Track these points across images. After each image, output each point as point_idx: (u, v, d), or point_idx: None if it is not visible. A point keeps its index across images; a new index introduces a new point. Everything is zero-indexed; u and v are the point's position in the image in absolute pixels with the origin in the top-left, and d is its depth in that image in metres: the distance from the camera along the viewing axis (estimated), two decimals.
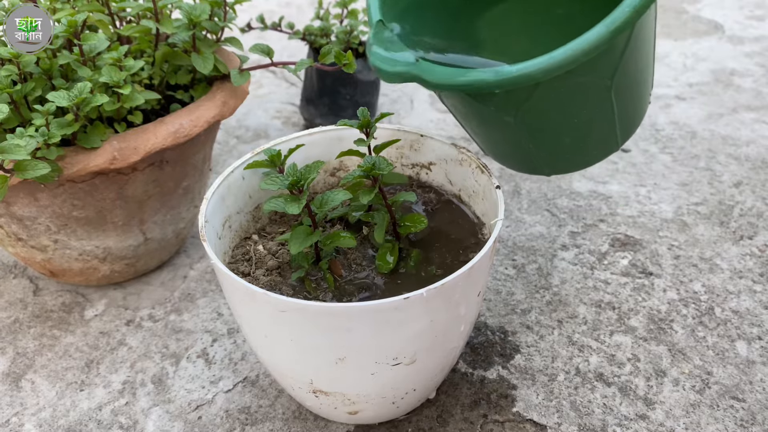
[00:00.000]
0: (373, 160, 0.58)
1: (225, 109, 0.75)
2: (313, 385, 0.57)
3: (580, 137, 0.65)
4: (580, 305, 0.79)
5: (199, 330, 0.78)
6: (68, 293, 0.85)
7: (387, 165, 0.57)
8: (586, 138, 0.65)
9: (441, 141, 0.68)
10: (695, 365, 0.71)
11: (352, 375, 0.55)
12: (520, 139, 0.63)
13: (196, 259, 0.90)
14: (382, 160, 0.59)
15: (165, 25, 0.69)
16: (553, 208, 0.95)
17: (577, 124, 0.62)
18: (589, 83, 0.57)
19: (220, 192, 0.63)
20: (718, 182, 0.99)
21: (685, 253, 0.86)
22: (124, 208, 0.73)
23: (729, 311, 0.78)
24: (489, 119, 0.62)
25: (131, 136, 0.67)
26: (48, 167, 0.59)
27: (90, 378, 0.73)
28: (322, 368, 0.55)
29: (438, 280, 0.58)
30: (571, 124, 0.62)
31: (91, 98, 0.62)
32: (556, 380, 0.70)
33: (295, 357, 0.56)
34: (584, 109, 0.60)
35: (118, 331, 0.79)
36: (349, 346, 0.52)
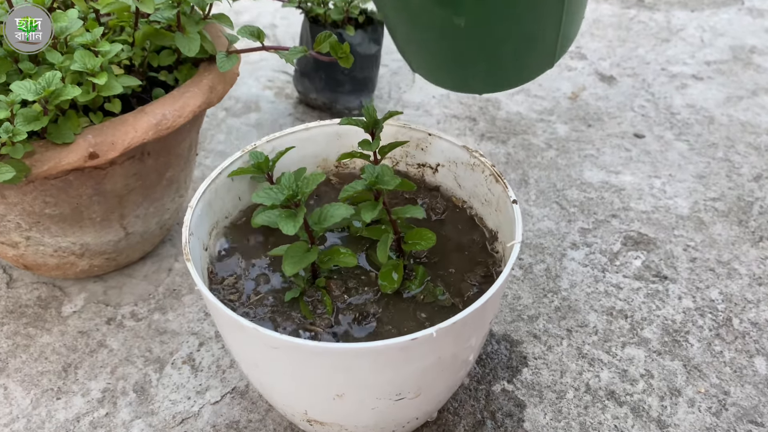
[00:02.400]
0: (377, 171, 0.52)
1: (213, 96, 0.68)
2: (307, 415, 0.53)
3: (524, 44, 0.63)
4: (591, 312, 0.75)
5: (184, 332, 0.73)
6: (44, 286, 0.79)
7: (392, 179, 0.51)
8: (528, 45, 0.64)
9: (451, 142, 0.62)
10: (711, 383, 0.67)
11: (351, 409, 0.51)
12: (461, 47, 0.62)
13: (181, 250, 0.84)
14: (387, 171, 0.53)
15: (145, 3, 0.61)
16: (562, 200, 0.90)
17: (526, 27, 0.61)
18: None
19: (206, 197, 0.57)
20: (736, 175, 0.94)
21: (702, 256, 0.81)
22: (103, 203, 0.67)
23: (747, 323, 0.73)
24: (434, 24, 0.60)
25: (108, 129, 0.60)
26: (12, 170, 0.52)
27: (67, 385, 0.68)
28: (318, 403, 0.50)
29: (446, 304, 0.53)
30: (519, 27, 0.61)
31: (61, 90, 0.55)
32: (564, 398, 0.66)
33: (288, 390, 0.51)
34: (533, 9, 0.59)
35: (98, 330, 0.74)
36: (348, 384, 0.47)
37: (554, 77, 1.16)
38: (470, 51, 0.62)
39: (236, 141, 1.04)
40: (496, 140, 1.01)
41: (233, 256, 0.59)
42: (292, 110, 1.10)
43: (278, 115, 1.09)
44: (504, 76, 0.67)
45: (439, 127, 1.05)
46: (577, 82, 1.15)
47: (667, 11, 1.37)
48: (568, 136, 1.02)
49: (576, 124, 1.04)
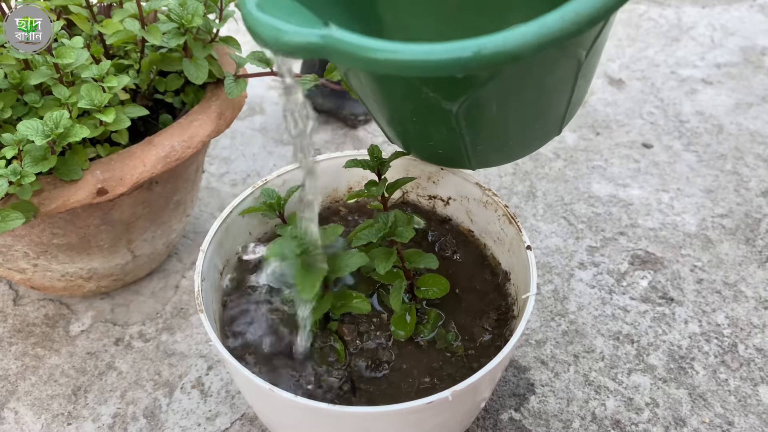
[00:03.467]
0: (391, 221, 0.52)
1: (221, 123, 0.67)
2: None
3: (528, 126, 0.52)
4: (598, 337, 0.75)
5: (193, 354, 0.74)
6: (51, 303, 0.79)
7: (406, 229, 0.51)
8: (533, 126, 0.52)
9: (463, 178, 0.61)
10: (716, 413, 0.68)
11: None
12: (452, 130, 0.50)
13: (188, 265, 0.84)
14: (401, 219, 0.52)
15: (152, 34, 0.60)
16: (570, 215, 0.89)
17: (530, 110, 0.50)
18: (564, 58, 0.45)
19: (217, 238, 0.57)
20: (744, 189, 0.93)
21: (709, 277, 0.81)
22: (110, 231, 0.66)
23: (753, 349, 0.74)
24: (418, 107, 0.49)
25: (116, 164, 0.59)
26: (21, 217, 0.52)
27: (77, 409, 0.69)
28: None
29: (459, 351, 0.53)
30: (523, 111, 0.50)
31: (69, 130, 0.54)
32: (571, 427, 0.67)
33: None
34: (545, 90, 0.48)
35: (107, 351, 0.74)
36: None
37: None
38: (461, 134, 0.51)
39: (241, 146, 1.02)
40: None
41: (244, 295, 0.58)
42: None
43: (283, 120, 1.08)
44: (505, 153, 0.56)
45: None
46: None
47: (678, 7, 1.35)
48: (576, 145, 1.01)
49: (584, 132, 1.03)
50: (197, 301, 0.51)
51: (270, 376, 0.52)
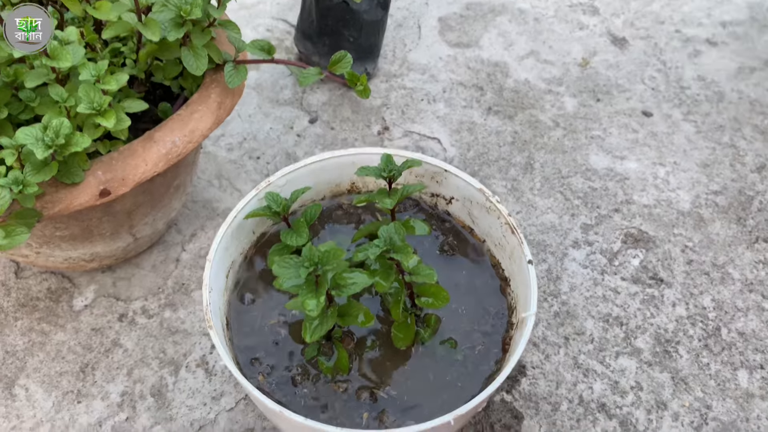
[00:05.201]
0: (392, 241, 0.52)
1: (221, 113, 0.66)
2: None
3: None
4: (588, 319, 0.78)
5: (196, 332, 0.76)
6: (53, 276, 0.80)
7: (405, 246, 0.52)
8: None
9: (467, 182, 0.61)
10: (696, 397, 0.72)
11: None
12: None
13: (187, 237, 0.84)
14: (400, 231, 0.53)
15: (150, 28, 0.57)
16: (566, 190, 0.90)
17: None
18: None
19: (223, 244, 0.57)
20: (740, 164, 0.94)
21: (699, 258, 0.84)
22: (112, 221, 0.66)
23: (735, 333, 0.77)
24: None
25: (118, 164, 0.59)
26: (26, 231, 0.52)
27: (86, 387, 0.71)
28: None
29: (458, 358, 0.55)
30: None
31: (70, 138, 0.53)
32: (559, 410, 0.71)
33: None
34: None
35: (111, 328, 0.76)
36: None
37: (566, 38, 1.12)
38: None
39: (236, 106, 1.00)
40: (503, 115, 0.99)
41: (250, 302, 0.60)
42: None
43: (278, 76, 1.05)
44: None
45: (445, 96, 1.02)
46: (588, 45, 1.11)
47: None
48: (576, 112, 1.00)
49: (585, 98, 1.02)
50: (206, 316, 0.52)
51: (278, 387, 0.54)
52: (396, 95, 1.03)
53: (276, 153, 0.95)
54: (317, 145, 0.96)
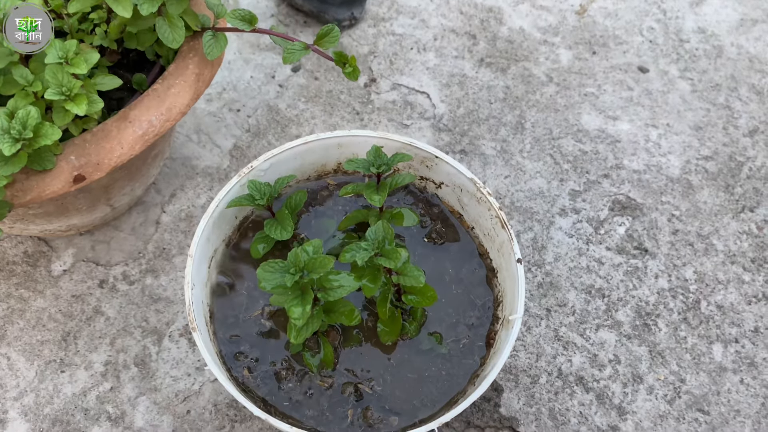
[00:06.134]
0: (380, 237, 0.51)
1: (200, 85, 0.62)
2: None
3: None
4: (571, 290, 0.78)
5: (178, 300, 0.75)
6: (29, 239, 0.77)
7: (394, 251, 0.50)
8: None
9: (457, 169, 0.59)
10: (671, 371, 0.74)
11: None
12: None
13: (167, 197, 0.82)
14: (389, 233, 0.51)
15: (121, 3, 0.53)
16: (556, 152, 0.88)
17: None
18: None
19: (204, 235, 0.56)
20: (733, 128, 0.92)
21: (684, 227, 0.83)
22: (88, 197, 0.64)
23: (714, 306, 0.78)
24: None
25: (92, 147, 0.56)
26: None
27: (69, 356, 0.71)
28: None
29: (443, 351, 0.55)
30: None
31: (39, 129, 0.49)
32: (538, 383, 0.72)
33: None
34: None
35: (92, 294, 0.75)
36: None
37: None
38: None
39: None
40: (495, 67, 0.95)
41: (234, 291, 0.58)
42: (274, 10, 1.00)
43: (260, 17, 0.99)
44: None
45: (435, 44, 0.97)
46: None
47: None
48: (570, 66, 0.96)
49: (580, 50, 0.98)
50: (189, 317, 0.51)
51: (263, 382, 0.54)
52: (384, 42, 0.98)
53: (257, 105, 0.91)
54: (300, 97, 0.92)
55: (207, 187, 0.83)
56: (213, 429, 0.68)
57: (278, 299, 0.54)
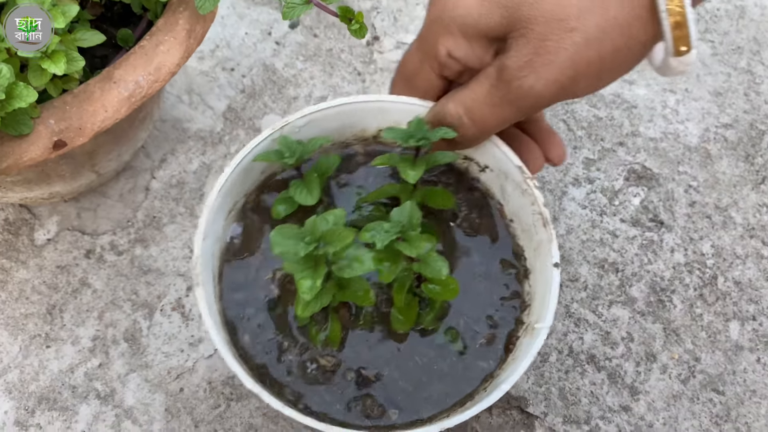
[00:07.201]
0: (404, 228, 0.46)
1: (192, 42, 0.57)
2: None
3: None
4: (584, 264, 0.75)
5: (170, 272, 0.71)
6: (10, 206, 0.73)
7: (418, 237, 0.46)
8: None
9: (506, 153, 0.54)
10: (686, 349, 0.71)
11: None
12: None
13: (157, 162, 0.77)
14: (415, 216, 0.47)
15: None
16: (570, 119, 0.84)
17: None
18: None
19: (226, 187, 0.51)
20: (755, 93, 0.88)
21: (702, 199, 0.80)
22: (71, 163, 0.59)
23: (731, 282, 0.75)
24: None
25: (73, 110, 0.51)
26: None
27: (55, 331, 0.67)
28: None
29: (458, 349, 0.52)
30: None
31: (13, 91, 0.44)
32: (548, 361, 0.69)
33: None
34: None
35: (78, 266, 0.71)
36: None
37: None
38: None
39: None
40: None
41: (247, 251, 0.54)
42: None
43: None
44: None
45: None
46: None
47: None
48: None
49: None
50: (195, 270, 0.47)
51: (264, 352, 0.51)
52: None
53: (252, 64, 0.85)
54: (298, 56, 0.86)
55: (199, 151, 0.78)
56: (207, 407, 0.65)
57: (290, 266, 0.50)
